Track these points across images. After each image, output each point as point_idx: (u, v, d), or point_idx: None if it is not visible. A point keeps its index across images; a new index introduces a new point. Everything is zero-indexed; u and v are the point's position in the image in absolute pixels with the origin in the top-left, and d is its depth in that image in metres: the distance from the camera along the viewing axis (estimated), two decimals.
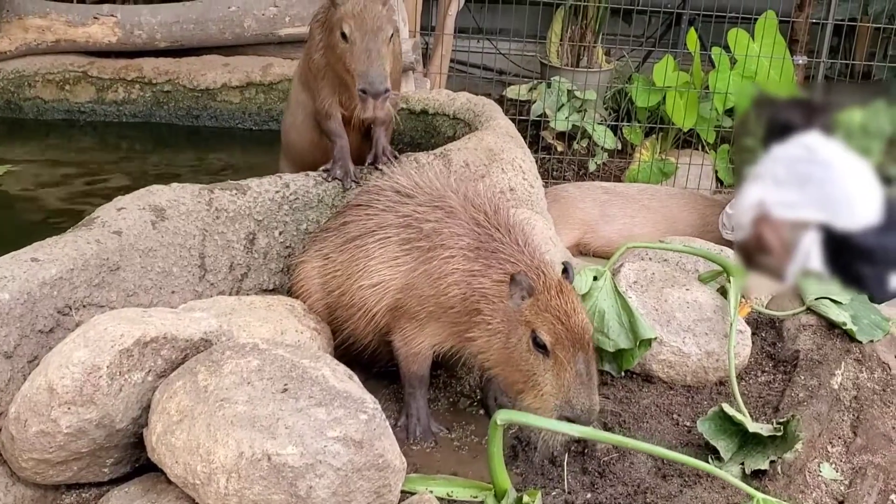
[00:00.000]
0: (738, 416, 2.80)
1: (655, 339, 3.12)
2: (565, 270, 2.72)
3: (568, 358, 2.53)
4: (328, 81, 3.47)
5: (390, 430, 2.26)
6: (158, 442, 2.24)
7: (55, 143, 5.11)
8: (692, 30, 6.52)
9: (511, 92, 6.76)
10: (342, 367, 2.39)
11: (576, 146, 6.65)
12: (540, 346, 2.57)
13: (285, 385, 2.22)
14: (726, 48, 6.51)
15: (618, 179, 6.61)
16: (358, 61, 3.17)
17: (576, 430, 2.35)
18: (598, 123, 6.58)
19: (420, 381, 3.01)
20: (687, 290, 3.30)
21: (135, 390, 2.37)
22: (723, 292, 3.39)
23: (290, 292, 3.41)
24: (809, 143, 3.94)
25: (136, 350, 2.35)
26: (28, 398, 2.28)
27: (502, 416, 2.32)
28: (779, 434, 2.75)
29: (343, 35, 3.21)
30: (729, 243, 4.69)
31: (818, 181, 3.50)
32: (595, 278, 3.15)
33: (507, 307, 2.68)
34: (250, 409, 2.15)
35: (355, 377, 2.40)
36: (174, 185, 3.35)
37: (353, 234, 3.13)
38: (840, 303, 3.52)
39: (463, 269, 2.81)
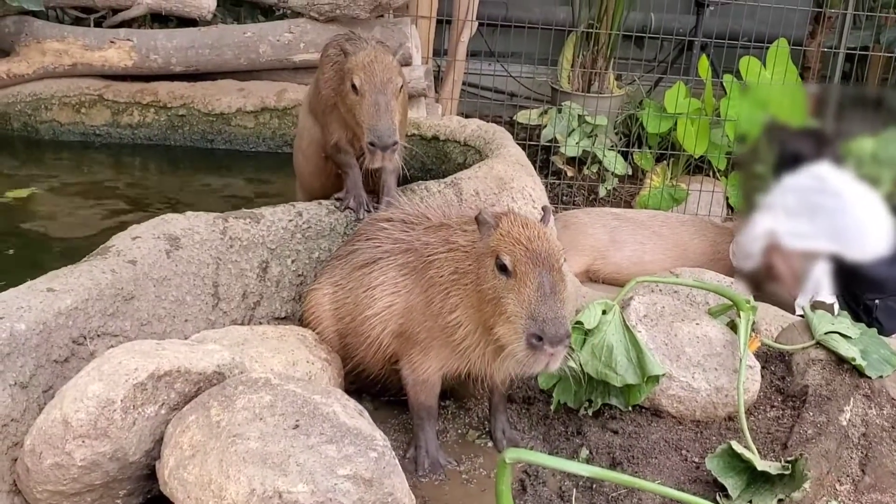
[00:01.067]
0: (747, 454, 2.81)
1: (663, 375, 3.12)
2: (543, 217, 2.81)
3: (528, 274, 2.57)
4: (336, 117, 3.51)
5: (400, 467, 2.28)
6: (171, 476, 2.26)
7: (70, 166, 5.15)
8: (704, 56, 6.54)
9: (522, 117, 6.80)
10: (352, 403, 2.41)
11: (586, 171, 6.67)
12: (501, 267, 2.62)
13: (297, 421, 2.24)
14: (738, 75, 6.53)
15: (628, 205, 6.63)
16: (367, 114, 3.23)
17: (584, 470, 2.36)
18: (609, 149, 6.61)
19: (428, 412, 3.03)
20: (697, 324, 3.31)
21: (148, 423, 2.39)
22: (732, 326, 3.40)
23: (301, 320, 3.44)
24: (820, 174, 3.95)
25: (149, 384, 2.37)
26: (43, 431, 2.30)
27: (511, 455, 2.33)
28: (787, 473, 2.75)
29: (353, 87, 3.27)
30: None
31: (829, 212, 3.51)
32: (604, 312, 3.16)
33: (478, 248, 2.75)
34: (262, 446, 2.17)
35: (365, 413, 2.41)
36: (188, 213, 3.39)
37: (360, 262, 3.18)
38: (849, 337, 3.51)
39: (445, 256, 2.89)
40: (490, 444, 3.17)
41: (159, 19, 5.84)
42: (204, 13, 5.58)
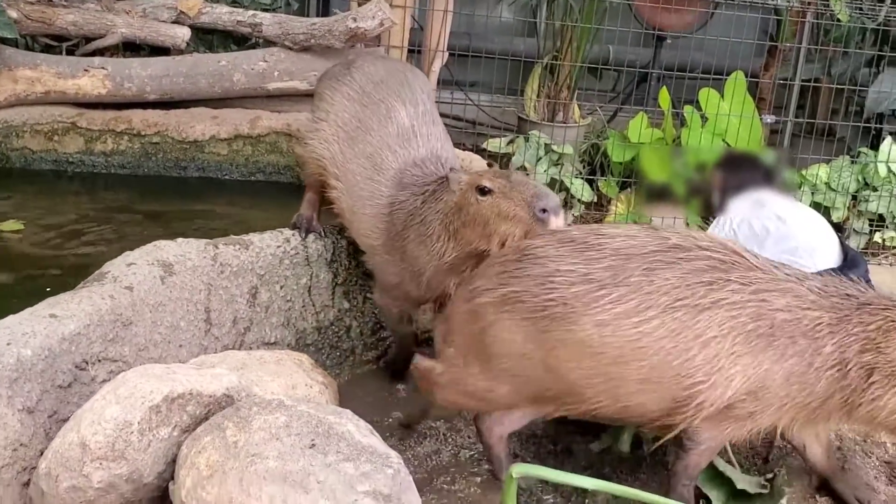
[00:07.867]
0: (728, 472, 2.95)
1: None
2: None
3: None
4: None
5: (414, 484, 2.35)
6: (188, 496, 2.29)
7: (43, 195, 5.12)
8: (664, 88, 6.73)
9: (491, 145, 6.91)
10: (363, 422, 2.48)
11: None
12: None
13: (312, 440, 2.31)
14: (697, 106, 6.73)
15: None
16: (518, 191, 2.99)
17: (589, 483, 2.44)
18: (575, 177, 6.75)
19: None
20: None
21: (161, 445, 2.43)
22: None
23: None
24: (762, 200, 4.13)
25: (164, 406, 2.42)
26: (60, 454, 2.33)
27: (518, 469, 2.40)
28: (765, 491, 2.90)
29: (481, 189, 3.05)
30: None
31: (778, 235, 3.67)
32: None
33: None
34: (281, 465, 2.22)
35: (375, 432, 2.48)
36: (179, 240, 3.44)
37: None
38: None
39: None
40: (486, 465, 3.25)
41: (131, 48, 5.85)
42: (178, 42, 5.62)
